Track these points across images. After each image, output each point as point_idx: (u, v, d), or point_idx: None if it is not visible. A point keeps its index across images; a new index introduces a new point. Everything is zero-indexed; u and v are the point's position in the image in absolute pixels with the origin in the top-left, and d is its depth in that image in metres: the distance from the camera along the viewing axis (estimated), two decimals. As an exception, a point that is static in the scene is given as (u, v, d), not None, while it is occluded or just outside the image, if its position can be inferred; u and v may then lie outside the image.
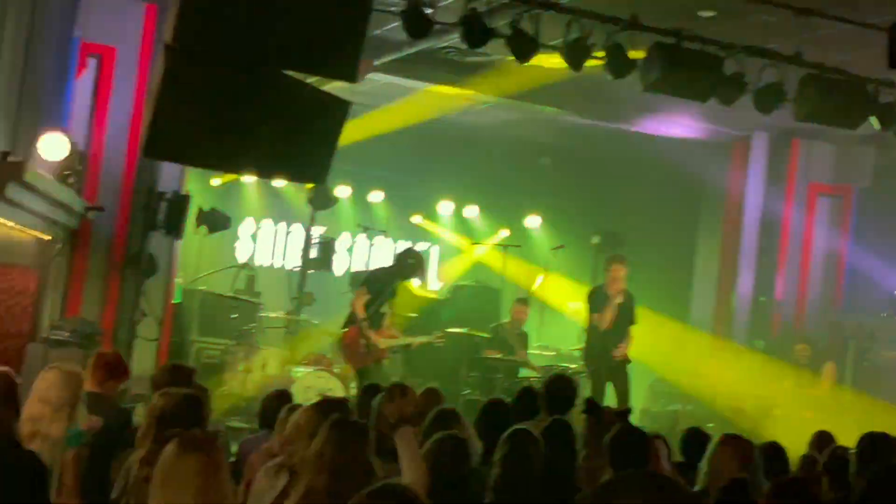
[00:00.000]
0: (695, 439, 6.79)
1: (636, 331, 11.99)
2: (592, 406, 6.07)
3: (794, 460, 6.81)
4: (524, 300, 13.97)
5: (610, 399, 11.53)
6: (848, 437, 6.96)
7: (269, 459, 5.58)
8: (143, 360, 11.25)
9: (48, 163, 9.28)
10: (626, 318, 11.91)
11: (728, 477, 5.19)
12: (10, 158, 8.20)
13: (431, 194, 17.33)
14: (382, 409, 6.23)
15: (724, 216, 15.70)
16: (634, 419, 6.97)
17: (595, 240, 15.50)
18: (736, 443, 5.73)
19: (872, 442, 6.46)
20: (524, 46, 9.24)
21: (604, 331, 11.75)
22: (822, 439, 7.46)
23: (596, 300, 12.02)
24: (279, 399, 6.81)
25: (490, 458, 5.77)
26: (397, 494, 2.99)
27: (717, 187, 15.80)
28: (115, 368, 6.61)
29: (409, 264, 11.98)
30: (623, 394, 11.70)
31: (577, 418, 6.70)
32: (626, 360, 11.82)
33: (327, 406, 5.45)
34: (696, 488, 5.67)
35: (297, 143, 8.26)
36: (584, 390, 11.56)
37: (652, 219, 16.05)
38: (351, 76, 8.43)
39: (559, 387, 7.25)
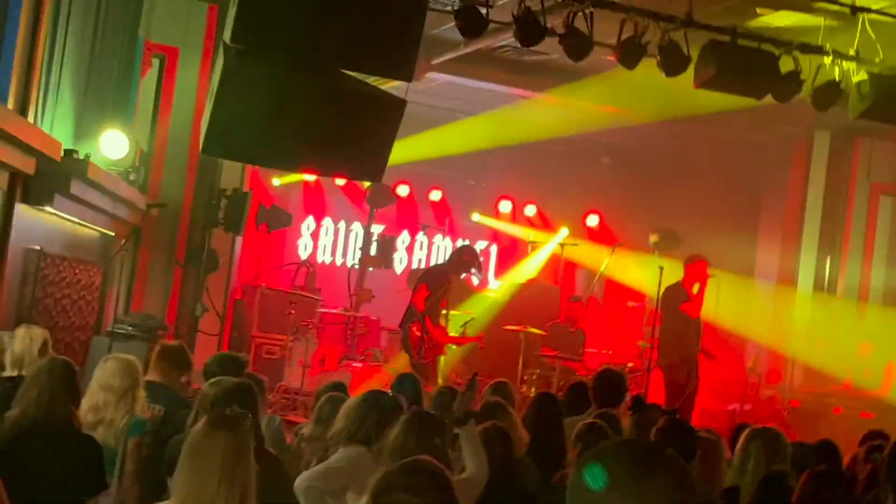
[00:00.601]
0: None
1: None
2: (638, 403, 6.10)
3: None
4: (578, 298, 14.00)
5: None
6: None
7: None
8: (205, 354, 11.43)
9: (111, 160, 9.52)
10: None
11: (755, 471, 5.22)
12: (75, 156, 8.44)
13: (491, 192, 17.39)
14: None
15: (784, 216, 15.59)
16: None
17: (654, 238, 15.46)
18: (765, 435, 5.72)
19: None
20: (578, 45, 9.26)
21: (685, 325, 11.82)
22: (871, 437, 7.41)
23: (675, 296, 12.00)
24: (335, 391, 6.91)
25: (538, 450, 5.87)
26: (427, 470, 3.03)
27: (778, 186, 15.70)
28: (178, 359, 6.75)
29: (465, 261, 12.07)
30: (692, 394, 11.79)
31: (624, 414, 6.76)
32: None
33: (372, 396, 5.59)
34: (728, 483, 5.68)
35: (353, 141, 8.36)
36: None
37: (711, 218, 15.98)
38: (408, 75, 8.50)
39: (608, 381, 7.30)
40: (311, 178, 15.53)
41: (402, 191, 16.22)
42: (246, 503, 3.60)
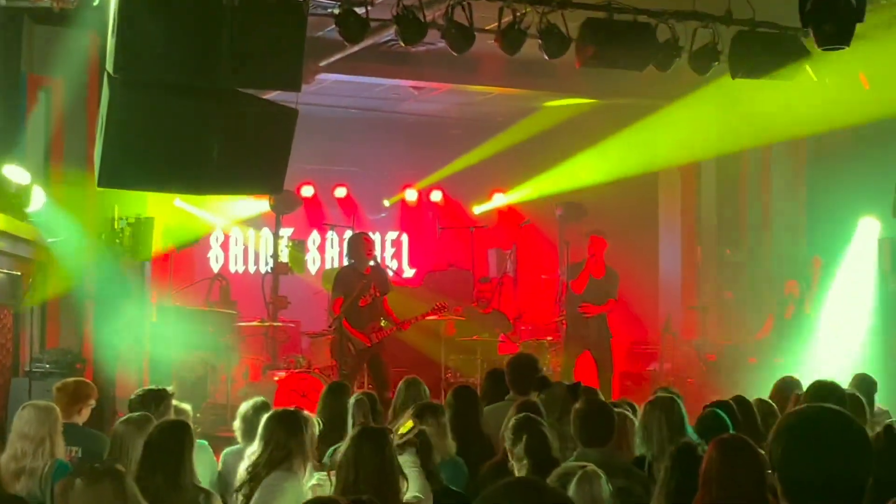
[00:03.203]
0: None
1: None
2: (540, 382, 6.27)
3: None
4: (488, 279, 14.20)
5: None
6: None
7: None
8: (128, 381, 11.43)
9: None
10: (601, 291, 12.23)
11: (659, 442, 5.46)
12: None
13: (395, 182, 17.48)
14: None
15: (682, 175, 15.92)
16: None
17: (559, 212, 15.71)
18: (663, 403, 5.93)
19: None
20: (460, 37, 9.40)
21: (579, 298, 12.12)
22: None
23: (571, 273, 12.36)
24: (257, 411, 6.97)
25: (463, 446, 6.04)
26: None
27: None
28: (75, 394, 6.80)
29: (360, 249, 12.00)
30: (601, 361, 12.05)
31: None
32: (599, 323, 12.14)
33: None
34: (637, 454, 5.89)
35: (250, 157, 8.39)
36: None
37: (611, 183, 16.26)
38: (296, 85, 8.57)
39: (520, 366, 7.44)
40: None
41: (307, 192, 16.26)
42: None
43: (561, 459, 5.60)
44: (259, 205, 15.75)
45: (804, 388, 7.03)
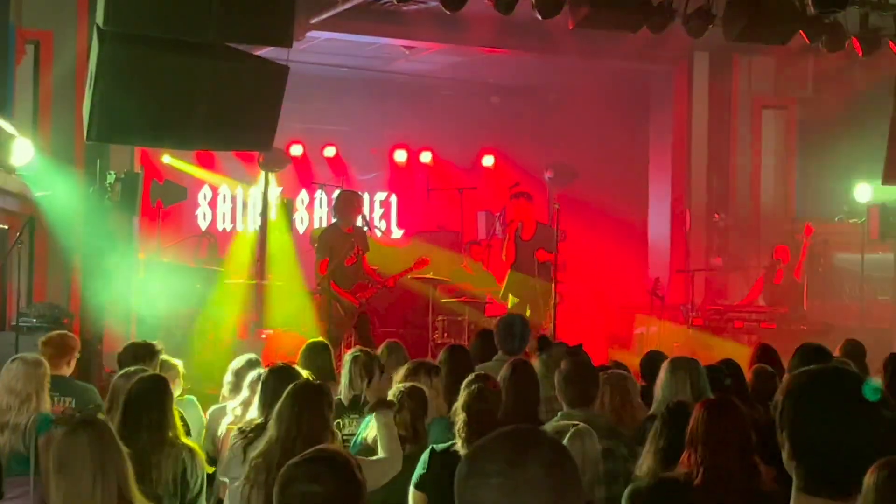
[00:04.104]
0: (654, 363, 6.99)
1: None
2: (542, 343, 6.28)
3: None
4: (475, 242, 14.20)
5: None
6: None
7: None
8: (115, 336, 11.42)
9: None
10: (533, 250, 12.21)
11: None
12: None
13: (385, 142, 17.41)
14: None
15: (672, 138, 15.91)
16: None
17: (549, 174, 15.70)
18: (686, 364, 5.96)
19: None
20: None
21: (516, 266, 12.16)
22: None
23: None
24: (248, 366, 6.98)
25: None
26: (329, 459, 3.12)
27: (664, 112, 16.00)
28: (61, 347, 6.79)
29: (343, 204, 11.96)
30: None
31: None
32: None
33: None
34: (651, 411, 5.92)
35: (240, 114, 8.33)
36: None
37: (603, 148, 16.25)
38: (287, 41, 8.52)
39: (508, 326, 7.46)
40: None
41: (296, 150, 16.18)
42: (127, 490, 3.70)
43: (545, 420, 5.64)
44: (248, 162, 15.71)
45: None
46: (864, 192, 13.89)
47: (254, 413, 5.73)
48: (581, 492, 1.93)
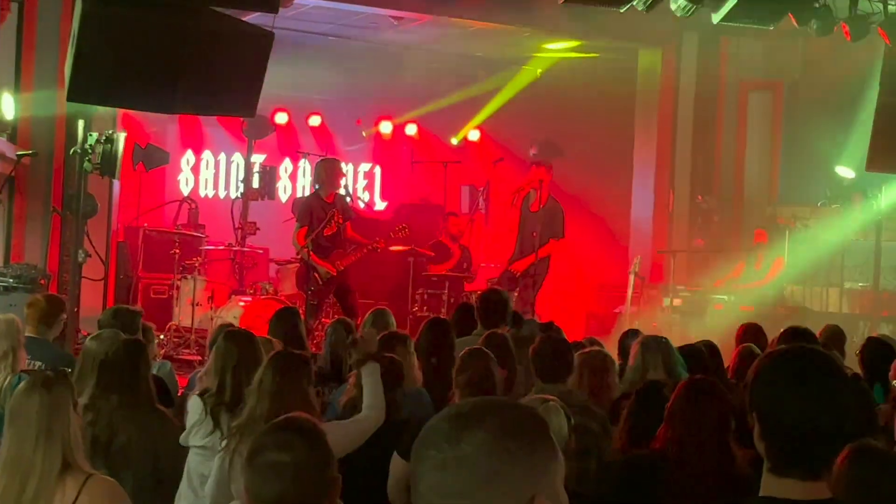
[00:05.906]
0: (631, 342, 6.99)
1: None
2: (514, 319, 6.28)
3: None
4: (454, 214, 14.19)
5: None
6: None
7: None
8: (91, 299, 11.37)
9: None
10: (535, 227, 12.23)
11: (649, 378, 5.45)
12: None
13: (370, 113, 17.32)
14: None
15: (658, 118, 15.88)
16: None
17: (533, 150, 15.66)
18: (656, 343, 5.98)
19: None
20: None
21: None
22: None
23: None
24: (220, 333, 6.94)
25: (432, 378, 6.04)
26: (297, 427, 3.16)
27: (650, 90, 15.95)
28: (47, 310, 6.74)
29: (324, 172, 11.89)
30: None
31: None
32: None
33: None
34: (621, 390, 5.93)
35: (224, 78, 8.30)
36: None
37: (588, 126, 16.20)
38: (273, 6, 8.48)
39: (489, 301, 7.45)
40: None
41: (281, 118, 16.07)
42: (71, 457, 3.68)
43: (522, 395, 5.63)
44: (232, 129, 15.63)
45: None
46: (846, 175, 13.91)
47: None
48: (537, 475, 1.84)
